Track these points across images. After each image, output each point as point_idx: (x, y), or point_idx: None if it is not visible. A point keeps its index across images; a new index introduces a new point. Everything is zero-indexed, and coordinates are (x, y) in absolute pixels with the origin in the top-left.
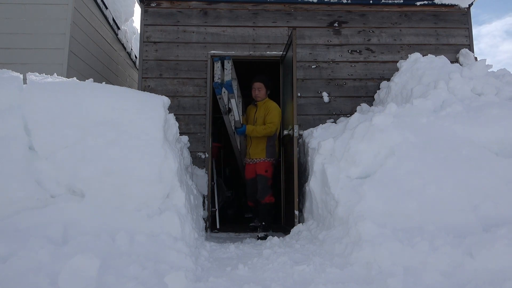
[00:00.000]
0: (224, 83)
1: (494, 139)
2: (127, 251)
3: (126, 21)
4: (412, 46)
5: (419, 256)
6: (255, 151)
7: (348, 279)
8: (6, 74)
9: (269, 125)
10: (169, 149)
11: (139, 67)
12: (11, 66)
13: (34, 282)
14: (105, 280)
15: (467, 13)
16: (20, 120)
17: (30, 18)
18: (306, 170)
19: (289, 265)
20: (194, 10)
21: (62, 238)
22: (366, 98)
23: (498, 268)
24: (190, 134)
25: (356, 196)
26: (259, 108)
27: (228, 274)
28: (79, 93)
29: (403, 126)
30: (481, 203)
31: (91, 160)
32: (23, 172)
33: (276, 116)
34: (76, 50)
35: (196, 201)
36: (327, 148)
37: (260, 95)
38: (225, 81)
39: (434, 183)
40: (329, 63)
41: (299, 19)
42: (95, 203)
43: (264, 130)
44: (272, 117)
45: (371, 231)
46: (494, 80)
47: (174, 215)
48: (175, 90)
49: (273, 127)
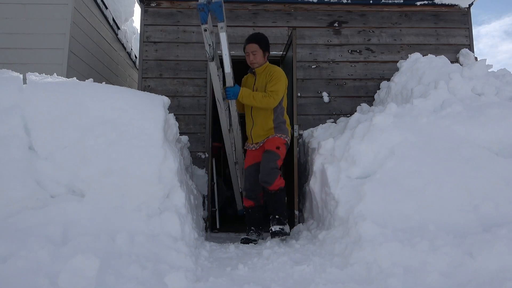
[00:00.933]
0: (212, 2)
1: (494, 139)
2: (127, 251)
3: (126, 21)
4: (412, 46)
5: (419, 256)
6: (259, 134)
7: (348, 279)
8: (6, 74)
9: (271, 93)
10: (169, 149)
11: (139, 67)
12: (11, 66)
13: (34, 282)
14: (105, 280)
15: (467, 13)
16: (20, 120)
17: (30, 18)
18: (306, 170)
19: (289, 265)
20: (194, 10)
21: (62, 238)
22: (366, 98)
23: (498, 268)
24: (190, 134)
25: (356, 196)
26: (259, 76)
27: (228, 274)
28: (79, 93)
29: (403, 126)
30: (481, 203)
31: (91, 160)
32: (23, 172)
33: (280, 83)
34: (76, 50)
35: (196, 201)
36: (327, 148)
37: (257, 59)
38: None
39: (434, 183)
40: (329, 63)
41: (299, 19)
42: (95, 203)
43: (263, 98)
44: (274, 85)
45: (371, 231)
46: (494, 80)
47: (174, 215)
48: (175, 90)
49: (275, 97)
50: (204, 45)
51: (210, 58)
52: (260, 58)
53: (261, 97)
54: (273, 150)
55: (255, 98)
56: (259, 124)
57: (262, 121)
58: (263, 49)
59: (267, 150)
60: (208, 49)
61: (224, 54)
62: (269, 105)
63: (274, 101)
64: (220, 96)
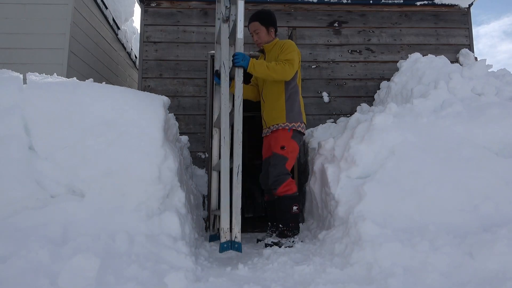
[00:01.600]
0: None
1: (494, 139)
2: (127, 251)
3: (126, 21)
4: (412, 46)
5: (419, 256)
6: (271, 115)
7: (348, 279)
8: (6, 74)
9: (286, 61)
10: (169, 149)
11: (139, 67)
12: (11, 66)
13: (34, 282)
14: (105, 280)
15: (467, 13)
16: (20, 120)
17: (30, 18)
18: (306, 170)
19: (289, 265)
20: (194, 10)
21: (62, 238)
22: (366, 98)
23: (498, 268)
24: (190, 134)
25: (356, 196)
26: (268, 53)
27: (228, 274)
28: (79, 93)
29: (403, 126)
30: (481, 203)
31: (91, 160)
32: (23, 172)
33: (294, 53)
34: (76, 50)
35: (196, 201)
36: (327, 148)
37: (261, 38)
38: None
39: (434, 183)
40: (329, 63)
41: (299, 19)
42: (95, 203)
43: (277, 65)
44: (287, 54)
45: (371, 231)
46: (494, 80)
47: (174, 215)
48: (175, 90)
49: (290, 65)
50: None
51: (225, 19)
52: (265, 36)
53: (274, 65)
54: (278, 153)
55: (268, 66)
56: (270, 104)
57: (274, 99)
58: (266, 26)
59: (273, 153)
60: (224, 10)
61: (239, 19)
62: (284, 74)
63: (289, 69)
64: (226, 59)
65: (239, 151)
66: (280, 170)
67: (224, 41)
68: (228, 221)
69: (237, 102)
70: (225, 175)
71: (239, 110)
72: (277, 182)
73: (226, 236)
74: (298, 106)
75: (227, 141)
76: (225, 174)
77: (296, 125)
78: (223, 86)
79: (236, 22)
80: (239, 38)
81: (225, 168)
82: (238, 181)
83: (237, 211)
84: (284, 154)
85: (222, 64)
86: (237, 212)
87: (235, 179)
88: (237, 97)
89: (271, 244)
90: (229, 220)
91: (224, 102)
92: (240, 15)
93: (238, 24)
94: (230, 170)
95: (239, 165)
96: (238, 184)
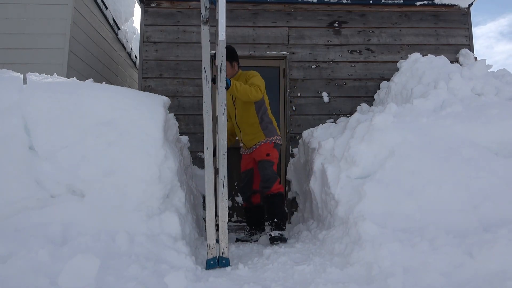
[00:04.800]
0: None
1: (494, 139)
2: (127, 251)
3: (126, 21)
4: (412, 46)
5: (419, 256)
6: (250, 139)
7: (348, 279)
8: (6, 74)
9: (253, 86)
10: (169, 149)
11: (139, 67)
12: (11, 66)
13: (34, 282)
14: (105, 280)
15: (467, 13)
16: (20, 120)
17: (30, 18)
18: (306, 170)
19: (289, 265)
20: (194, 10)
21: (62, 238)
22: (366, 98)
23: (498, 268)
24: (190, 134)
25: (356, 196)
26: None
27: (228, 274)
28: (79, 93)
29: (403, 126)
30: (481, 203)
31: (91, 160)
32: (23, 172)
33: (258, 78)
34: (76, 50)
35: (196, 201)
36: (327, 148)
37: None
38: None
39: (434, 183)
40: (329, 63)
41: (299, 19)
42: (95, 203)
43: (249, 89)
44: (254, 81)
45: (371, 231)
46: (494, 80)
47: (174, 215)
48: (175, 90)
49: (258, 89)
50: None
51: (204, 21)
52: (229, 69)
53: (247, 88)
54: (264, 159)
55: (244, 89)
56: (246, 129)
57: (248, 125)
58: (230, 60)
59: (259, 160)
60: (204, 11)
61: (220, 20)
62: (256, 96)
63: (257, 92)
64: (208, 64)
65: (224, 162)
66: (271, 170)
67: (205, 45)
68: (214, 236)
69: (220, 110)
70: (209, 189)
71: (223, 118)
72: (270, 181)
73: (212, 252)
74: (271, 124)
75: (210, 152)
76: (209, 187)
77: (274, 138)
78: (204, 93)
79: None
80: (221, 40)
81: (209, 180)
82: (224, 193)
83: (223, 225)
84: (271, 159)
85: (203, 70)
86: (223, 226)
87: (221, 192)
88: (220, 104)
89: (278, 235)
90: (215, 235)
91: (206, 110)
92: (221, 15)
93: (219, 24)
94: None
95: (224, 177)
96: (224, 196)
